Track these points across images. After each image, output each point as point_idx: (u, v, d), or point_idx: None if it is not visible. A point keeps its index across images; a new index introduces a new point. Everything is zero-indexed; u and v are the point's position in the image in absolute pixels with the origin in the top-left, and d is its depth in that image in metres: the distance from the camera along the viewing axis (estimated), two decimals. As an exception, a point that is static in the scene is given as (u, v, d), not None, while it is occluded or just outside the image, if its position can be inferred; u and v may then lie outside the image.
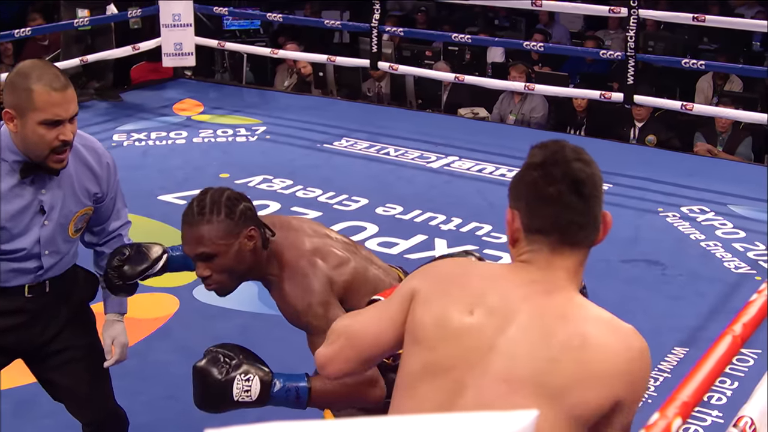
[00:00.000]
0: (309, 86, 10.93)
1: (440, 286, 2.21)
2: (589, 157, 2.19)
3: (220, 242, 2.95)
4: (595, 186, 2.16)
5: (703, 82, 10.30)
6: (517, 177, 2.19)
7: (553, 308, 2.12)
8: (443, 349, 2.14)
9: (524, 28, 13.29)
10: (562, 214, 2.12)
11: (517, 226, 2.17)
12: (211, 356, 2.89)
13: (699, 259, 6.42)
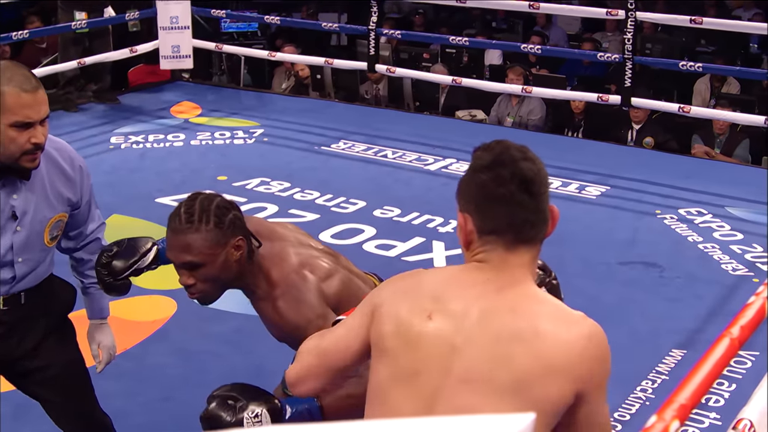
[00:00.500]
0: (306, 89, 10.94)
1: (398, 296, 2.24)
2: (534, 155, 2.21)
3: (207, 252, 2.89)
4: (542, 183, 2.18)
5: (701, 85, 10.31)
6: (465, 181, 2.22)
7: (505, 305, 2.15)
8: (407, 357, 2.17)
9: (522, 30, 13.31)
10: (515, 214, 2.15)
11: (471, 228, 2.19)
12: (216, 402, 2.86)
13: (697, 262, 6.42)
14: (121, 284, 3.34)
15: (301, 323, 2.94)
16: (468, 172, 2.22)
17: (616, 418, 4.55)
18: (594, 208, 7.36)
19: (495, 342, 2.11)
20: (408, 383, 2.17)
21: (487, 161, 2.17)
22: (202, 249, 2.89)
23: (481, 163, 2.18)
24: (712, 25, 8.86)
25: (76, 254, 3.55)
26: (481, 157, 2.19)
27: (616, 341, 5.40)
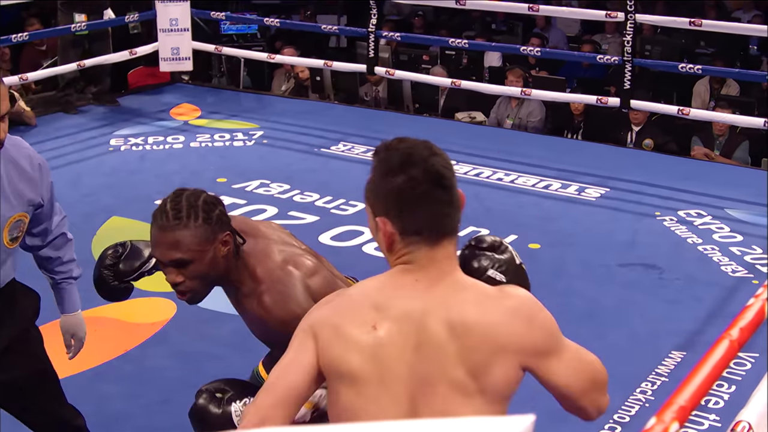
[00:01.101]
0: (306, 90, 10.94)
1: (336, 316, 2.21)
2: (438, 148, 2.23)
3: (196, 248, 2.86)
4: (452, 174, 2.22)
5: (700, 86, 10.31)
6: (376, 185, 2.20)
7: (438, 302, 2.17)
8: (369, 371, 2.15)
9: (521, 32, 13.31)
10: (434, 211, 2.17)
11: (391, 231, 2.19)
12: (204, 395, 2.85)
13: (696, 263, 6.42)
14: (124, 288, 3.33)
15: (286, 318, 2.90)
16: (377, 175, 2.20)
17: (615, 420, 4.55)
18: (594, 210, 7.36)
19: (438, 341, 2.14)
20: (378, 398, 2.16)
21: (396, 163, 2.17)
22: (191, 245, 2.85)
23: (390, 165, 2.17)
24: (711, 27, 8.87)
25: (42, 252, 3.49)
26: (389, 158, 2.19)
27: (615, 343, 5.44)
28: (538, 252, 6.56)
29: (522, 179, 7.98)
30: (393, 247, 2.21)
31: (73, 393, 3.90)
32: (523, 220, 7.09)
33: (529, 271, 6.40)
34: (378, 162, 2.21)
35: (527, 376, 2.37)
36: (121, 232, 6.40)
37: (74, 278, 3.61)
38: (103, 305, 5.11)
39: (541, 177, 8.01)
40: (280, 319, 2.94)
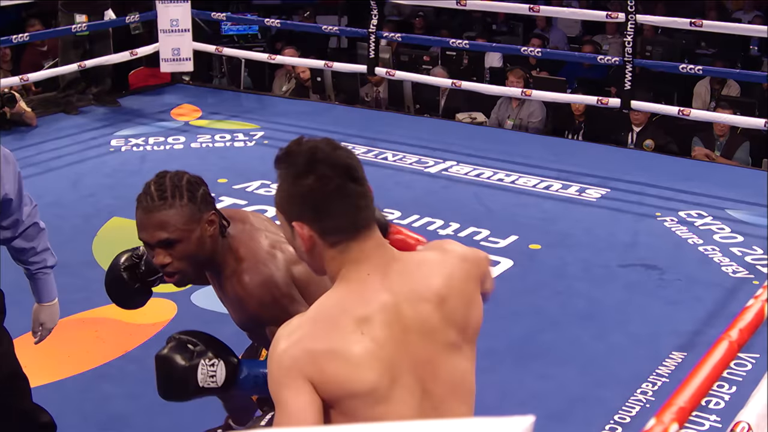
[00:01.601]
0: (307, 91, 10.94)
1: (322, 344, 2.09)
2: (338, 142, 2.19)
3: (183, 227, 2.85)
4: (361, 166, 2.17)
5: (701, 87, 10.32)
6: (286, 191, 2.17)
7: (401, 287, 2.16)
8: (382, 380, 2.10)
9: (522, 33, 13.32)
10: (351, 205, 2.14)
11: (309, 234, 2.14)
12: (174, 343, 2.81)
13: (697, 264, 6.42)
14: (143, 291, 3.29)
15: (266, 300, 2.89)
16: (286, 181, 2.17)
17: (616, 420, 4.55)
18: (594, 211, 7.36)
19: (423, 321, 2.15)
20: (398, 398, 2.13)
21: (302, 164, 2.13)
22: (178, 225, 2.85)
23: (296, 169, 2.14)
24: (712, 27, 8.87)
25: (14, 243, 3.47)
26: (294, 162, 2.15)
27: (616, 343, 5.44)
28: (539, 253, 6.56)
29: (522, 180, 7.98)
30: (314, 251, 2.16)
31: (74, 393, 3.92)
32: (524, 221, 7.09)
33: (530, 272, 6.45)
34: (283, 168, 2.17)
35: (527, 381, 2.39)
36: (122, 232, 6.40)
37: (49, 267, 3.59)
38: (105, 306, 5.12)
39: (541, 178, 8.02)
40: (258, 299, 2.90)
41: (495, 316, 5.67)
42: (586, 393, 4.84)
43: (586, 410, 4.68)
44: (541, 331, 5.50)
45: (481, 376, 5.11)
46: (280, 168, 2.18)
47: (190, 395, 2.71)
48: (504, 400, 4.72)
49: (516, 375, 5.02)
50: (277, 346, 2.09)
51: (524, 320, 5.62)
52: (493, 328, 5.50)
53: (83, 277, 5.69)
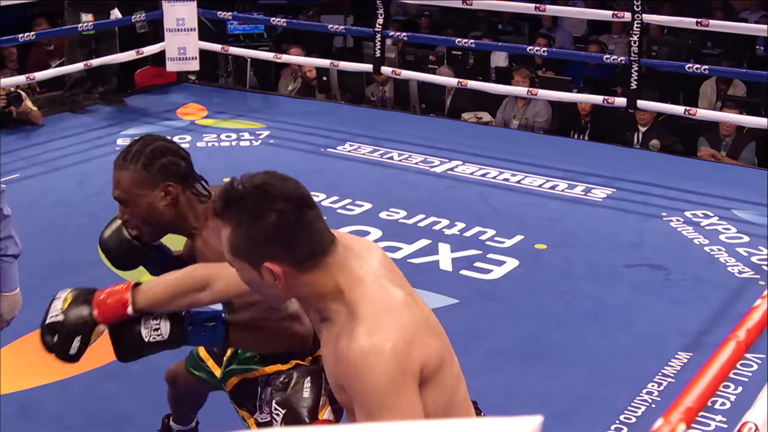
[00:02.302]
0: (313, 90, 10.95)
1: (403, 331, 2.18)
2: (281, 174, 2.27)
3: (131, 191, 2.95)
4: (308, 192, 2.25)
5: (707, 87, 10.31)
6: (248, 235, 2.18)
7: (387, 270, 2.34)
8: (442, 340, 2.34)
9: (528, 32, 13.31)
10: (315, 230, 2.20)
11: (281, 270, 2.18)
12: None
13: (703, 264, 6.41)
14: (145, 249, 3.26)
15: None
16: (243, 226, 2.18)
17: (621, 421, 4.55)
18: (600, 211, 7.36)
19: (405, 284, 2.37)
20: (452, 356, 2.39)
21: (256, 206, 2.17)
22: (126, 187, 2.95)
23: (252, 212, 2.17)
24: (718, 27, 8.86)
25: None
26: (246, 204, 2.17)
27: (621, 343, 5.44)
28: (545, 252, 6.56)
29: (528, 180, 7.98)
30: (290, 284, 2.20)
31: (79, 392, 3.92)
32: (530, 221, 7.09)
33: (536, 272, 6.45)
34: (235, 215, 2.18)
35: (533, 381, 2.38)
36: (127, 231, 6.40)
37: (12, 256, 3.51)
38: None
39: (547, 177, 8.01)
40: (216, 249, 2.87)
41: (500, 315, 5.68)
42: (591, 393, 4.83)
43: (592, 410, 4.67)
44: (547, 331, 5.50)
45: (486, 375, 5.14)
46: (231, 216, 2.18)
47: (141, 352, 2.74)
48: (509, 400, 4.72)
49: (521, 375, 5.02)
50: (369, 357, 2.11)
51: (530, 320, 5.62)
52: (499, 328, 5.51)
53: (89, 276, 5.69)
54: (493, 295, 5.94)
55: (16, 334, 5.30)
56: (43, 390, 4.76)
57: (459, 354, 5.37)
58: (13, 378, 4.93)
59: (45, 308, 2.70)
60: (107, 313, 2.64)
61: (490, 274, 6.22)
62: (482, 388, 4.89)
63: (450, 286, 6.03)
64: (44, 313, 2.69)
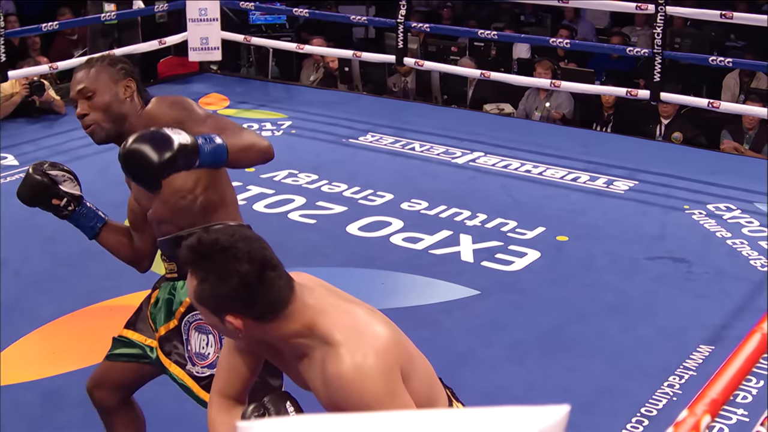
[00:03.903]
0: (335, 81, 10.95)
1: (381, 342, 2.34)
2: (249, 231, 2.41)
3: (100, 82, 3.25)
4: (272, 251, 2.36)
5: (730, 80, 10.26)
6: (211, 291, 2.31)
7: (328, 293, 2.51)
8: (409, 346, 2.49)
9: (550, 24, 13.26)
10: (275, 289, 2.32)
11: (244, 322, 2.33)
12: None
13: (725, 257, 6.39)
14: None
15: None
16: (208, 282, 2.30)
17: (643, 413, 4.54)
18: (622, 203, 7.34)
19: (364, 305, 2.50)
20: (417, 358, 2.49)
21: (221, 266, 2.28)
22: (95, 78, 3.26)
23: (217, 271, 2.29)
24: (742, 20, 8.81)
25: None
26: (211, 265, 2.30)
27: (643, 336, 5.43)
28: (566, 244, 6.55)
29: (550, 171, 7.97)
30: (251, 333, 2.36)
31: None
32: (551, 213, 7.08)
33: (557, 264, 6.45)
34: (201, 270, 2.31)
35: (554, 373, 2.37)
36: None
37: None
38: (133, 293, 5.15)
39: (569, 169, 8.00)
40: (162, 112, 3.29)
41: (522, 307, 5.68)
42: (613, 385, 4.83)
43: (613, 402, 4.67)
44: (569, 323, 5.50)
45: (508, 367, 5.15)
46: (196, 271, 2.32)
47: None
48: (531, 392, 4.73)
49: (543, 367, 5.02)
50: (360, 373, 2.27)
51: (551, 312, 5.62)
52: (520, 320, 5.51)
53: (112, 265, 5.71)
54: (514, 287, 5.94)
55: (39, 321, 5.35)
56: (66, 377, 4.79)
57: (480, 345, 5.39)
58: (36, 365, 4.96)
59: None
60: None
61: (511, 265, 6.22)
62: (504, 379, 4.91)
63: (471, 277, 6.03)
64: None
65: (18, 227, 6.49)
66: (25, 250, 6.16)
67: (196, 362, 3.35)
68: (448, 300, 5.73)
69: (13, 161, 7.86)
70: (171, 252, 3.37)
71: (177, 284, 3.42)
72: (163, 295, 3.47)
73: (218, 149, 2.81)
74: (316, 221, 6.86)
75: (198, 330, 3.34)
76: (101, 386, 3.66)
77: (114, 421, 3.73)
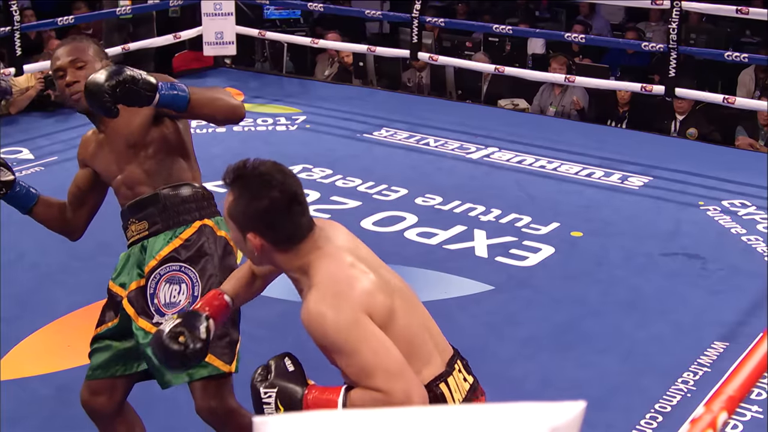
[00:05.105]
0: (349, 76, 10.95)
1: (355, 290, 2.61)
2: (285, 167, 2.71)
3: (90, 54, 3.59)
4: (302, 188, 2.69)
5: (745, 76, 10.22)
6: (243, 208, 2.64)
7: (344, 243, 2.77)
8: (390, 300, 2.67)
9: (565, 19, 13.24)
10: (297, 222, 2.65)
11: (260, 242, 2.65)
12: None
13: (740, 254, 6.38)
14: None
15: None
16: (242, 200, 2.63)
17: (657, 410, 4.54)
18: (637, 199, 7.33)
19: (371, 256, 2.80)
20: (399, 310, 2.67)
21: (257, 189, 2.62)
22: (85, 51, 3.59)
23: (252, 192, 2.62)
24: (758, 15, 8.77)
25: None
26: (249, 185, 2.63)
27: (657, 332, 5.42)
28: (581, 240, 6.54)
29: (565, 167, 7.96)
30: (264, 255, 2.68)
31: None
32: (566, 208, 7.07)
33: (572, 259, 6.44)
34: (238, 188, 2.64)
35: (568, 368, 2.36)
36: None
37: None
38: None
39: (584, 165, 7.99)
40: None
41: (536, 303, 5.67)
42: (627, 381, 4.82)
43: (627, 398, 4.67)
44: (583, 318, 5.49)
45: (522, 363, 5.15)
46: (234, 188, 2.65)
47: None
48: (545, 387, 4.72)
49: (557, 362, 5.01)
50: (327, 314, 2.54)
51: (565, 308, 5.61)
52: (534, 315, 5.51)
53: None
54: (528, 282, 5.93)
55: (54, 315, 5.37)
56: (81, 370, 4.78)
57: (494, 340, 5.39)
58: (51, 358, 4.97)
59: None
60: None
61: (525, 261, 6.21)
62: (518, 374, 4.91)
63: (485, 272, 6.03)
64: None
65: (34, 221, 6.51)
66: (42, 243, 6.18)
67: (165, 312, 3.48)
68: (462, 295, 5.74)
69: (29, 155, 7.88)
70: (142, 212, 3.57)
71: (147, 242, 3.57)
72: (131, 258, 3.63)
73: (178, 94, 3.22)
74: (330, 216, 6.86)
75: (169, 281, 3.51)
76: (96, 395, 3.73)
77: (115, 427, 3.78)
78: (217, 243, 3.59)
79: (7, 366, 4.88)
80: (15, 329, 5.23)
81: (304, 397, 2.67)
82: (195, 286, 3.49)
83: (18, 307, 5.46)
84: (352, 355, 2.53)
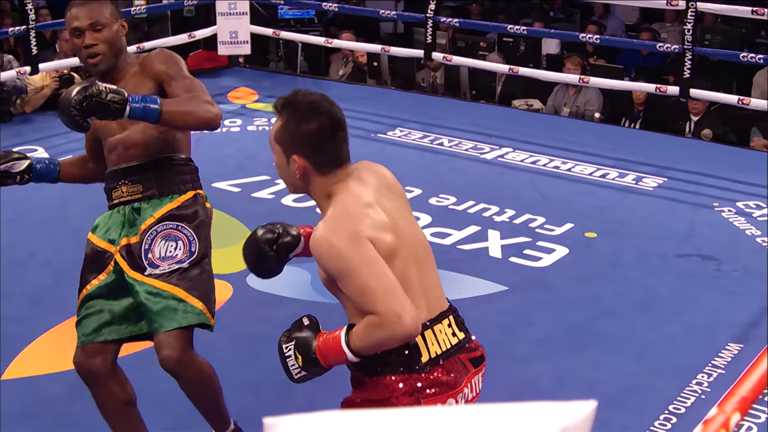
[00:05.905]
0: (363, 76, 10.95)
1: (361, 221, 2.78)
2: (331, 99, 2.89)
3: (107, 16, 3.68)
4: (345, 118, 2.88)
5: (760, 77, 10.19)
6: (291, 130, 2.82)
7: (378, 175, 3.01)
8: (395, 240, 2.83)
9: (579, 20, 13.23)
10: (338, 148, 2.86)
11: (304, 164, 2.82)
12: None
13: (754, 255, 6.36)
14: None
15: (161, 56, 3.81)
16: (291, 123, 2.82)
17: (671, 411, 4.52)
18: (651, 200, 7.31)
19: (400, 192, 3.06)
20: (402, 254, 2.83)
21: (306, 113, 2.80)
22: (104, 13, 3.68)
23: (301, 116, 2.81)
24: (773, 16, 8.75)
25: None
26: (298, 109, 2.82)
27: (671, 334, 5.40)
28: (594, 241, 6.53)
29: (579, 168, 7.94)
30: (305, 177, 2.84)
31: (126, 371, 3.94)
32: (580, 209, 7.06)
33: (585, 260, 6.42)
34: (288, 113, 2.83)
35: (582, 369, 2.33)
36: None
37: None
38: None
39: (598, 166, 7.98)
40: (155, 59, 3.77)
41: (550, 303, 5.66)
42: (640, 382, 4.81)
43: (641, 399, 4.65)
44: (596, 319, 5.48)
45: (535, 362, 5.13)
46: (284, 112, 2.84)
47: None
48: (558, 387, 4.71)
49: (570, 362, 5.00)
50: (333, 239, 2.71)
51: (579, 308, 5.60)
52: (548, 316, 5.50)
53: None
54: (542, 283, 5.93)
55: (67, 313, 5.37)
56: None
57: (508, 340, 5.38)
58: (64, 356, 4.98)
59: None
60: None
61: (539, 261, 6.21)
62: (531, 374, 4.90)
63: (499, 272, 6.02)
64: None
65: (48, 219, 6.53)
66: (55, 241, 6.20)
67: (158, 264, 3.64)
68: (476, 295, 5.73)
69: (43, 154, 7.90)
70: (137, 175, 3.74)
71: (141, 205, 3.74)
72: (118, 216, 3.78)
73: (149, 107, 3.38)
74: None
75: (165, 238, 3.67)
76: (91, 358, 3.82)
77: (109, 386, 3.86)
78: (207, 213, 3.81)
79: (20, 364, 4.89)
80: (28, 328, 5.24)
81: (316, 341, 2.85)
82: (192, 243, 3.69)
83: (31, 306, 5.48)
84: (352, 275, 2.70)
